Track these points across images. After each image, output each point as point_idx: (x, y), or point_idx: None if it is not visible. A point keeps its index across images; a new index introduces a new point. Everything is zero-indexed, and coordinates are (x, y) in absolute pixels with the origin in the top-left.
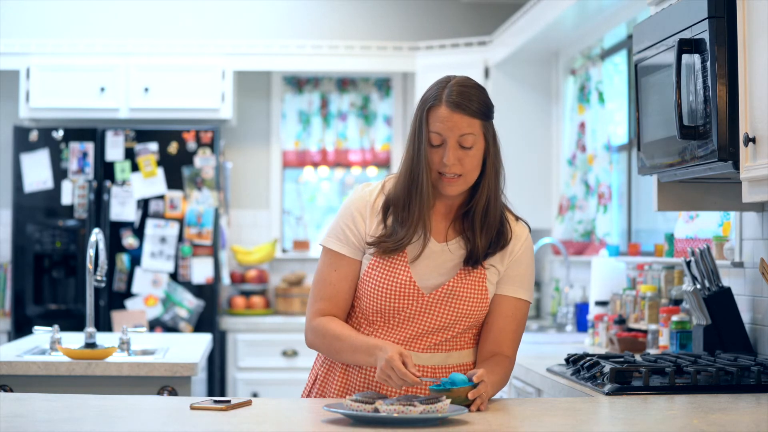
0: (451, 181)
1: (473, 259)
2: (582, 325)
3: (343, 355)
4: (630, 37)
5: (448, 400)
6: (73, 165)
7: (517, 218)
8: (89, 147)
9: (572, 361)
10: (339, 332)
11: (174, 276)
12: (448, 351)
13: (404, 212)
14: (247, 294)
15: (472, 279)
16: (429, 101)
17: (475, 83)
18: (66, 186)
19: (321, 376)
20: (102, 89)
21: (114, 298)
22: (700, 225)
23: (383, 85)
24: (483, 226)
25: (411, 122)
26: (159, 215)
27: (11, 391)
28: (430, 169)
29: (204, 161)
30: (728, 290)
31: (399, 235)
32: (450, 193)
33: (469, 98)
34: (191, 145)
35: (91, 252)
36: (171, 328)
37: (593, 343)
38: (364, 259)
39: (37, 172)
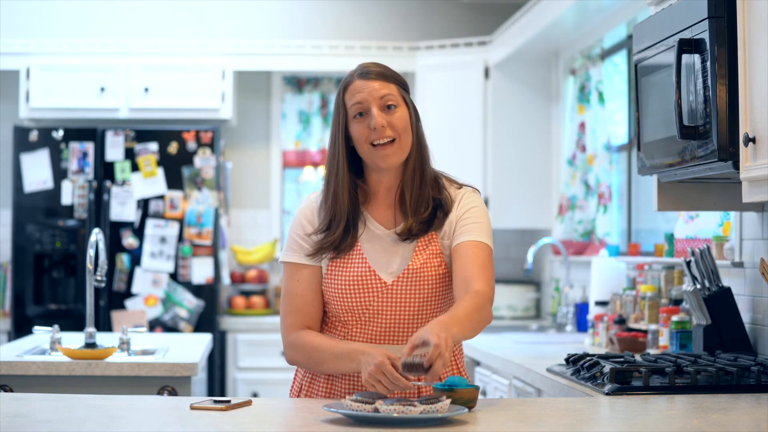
0: (386, 147)
1: (407, 232)
2: (582, 325)
3: (325, 365)
4: (630, 37)
5: (448, 400)
6: (73, 165)
7: (461, 185)
8: (89, 147)
9: (572, 361)
10: (318, 343)
11: (174, 276)
12: None
13: (325, 205)
14: (247, 294)
15: (428, 256)
16: (342, 85)
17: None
18: (66, 186)
19: (305, 386)
20: (102, 89)
21: (114, 298)
22: (700, 225)
23: None
24: (413, 193)
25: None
26: (159, 215)
27: (11, 391)
28: (361, 144)
29: (204, 161)
30: (728, 290)
31: (321, 233)
32: (389, 162)
33: (377, 66)
34: (191, 145)
35: (91, 252)
36: (171, 328)
37: (593, 343)
38: (323, 263)
39: (37, 172)
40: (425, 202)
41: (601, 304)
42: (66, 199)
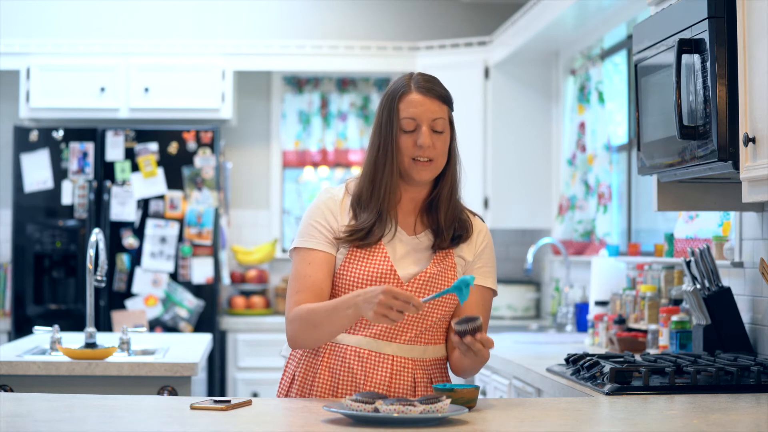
0: (425, 165)
1: (440, 245)
2: (582, 325)
3: (323, 326)
4: (630, 37)
5: (448, 400)
6: (73, 165)
7: (473, 214)
8: (89, 147)
9: (572, 361)
10: (313, 306)
11: (174, 276)
12: (425, 344)
13: (369, 201)
14: (247, 294)
15: (445, 267)
16: (398, 91)
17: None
18: (66, 186)
19: (299, 376)
20: (102, 89)
21: (114, 298)
22: (700, 225)
23: (383, 85)
24: (447, 212)
25: (375, 117)
26: (159, 215)
27: (11, 391)
28: (403, 155)
29: (204, 161)
30: (728, 290)
31: (366, 223)
32: (422, 177)
33: (436, 84)
34: (191, 145)
35: (91, 252)
36: (171, 328)
37: (593, 343)
38: (338, 254)
39: (37, 172)
40: (455, 220)
41: (601, 304)
42: (66, 199)
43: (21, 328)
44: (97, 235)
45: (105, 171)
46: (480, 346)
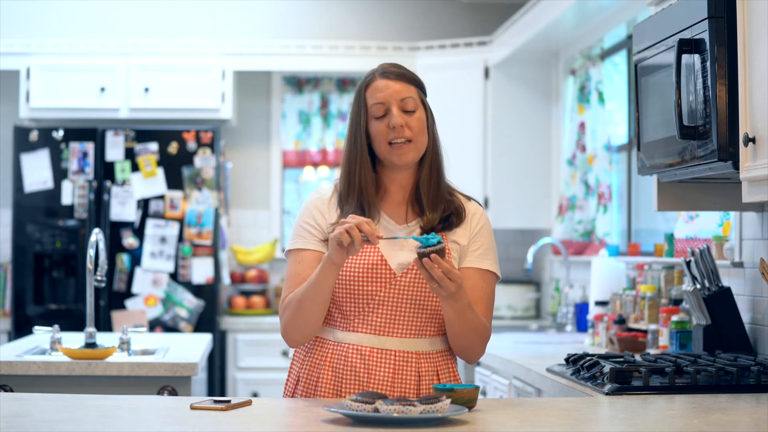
0: (403, 147)
1: (427, 227)
2: (582, 325)
3: (308, 296)
4: (630, 37)
5: (448, 400)
6: (73, 165)
7: (469, 198)
8: (89, 147)
9: (572, 361)
10: (297, 289)
11: (174, 276)
12: (432, 336)
13: (347, 196)
14: (247, 294)
15: None
16: (364, 82)
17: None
18: (66, 186)
19: (304, 376)
20: (102, 89)
21: (114, 298)
22: (700, 225)
23: None
24: (430, 192)
25: (348, 117)
26: (159, 215)
27: (11, 391)
28: (379, 141)
29: (204, 161)
30: (728, 290)
31: (346, 211)
32: (405, 160)
33: (399, 68)
34: (191, 145)
35: (91, 252)
36: (171, 328)
37: (593, 343)
38: None
39: (37, 172)
40: (442, 202)
41: (601, 304)
42: (66, 199)
43: (21, 328)
44: (97, 235)
45: (105, 171)
46: (440, 273)
